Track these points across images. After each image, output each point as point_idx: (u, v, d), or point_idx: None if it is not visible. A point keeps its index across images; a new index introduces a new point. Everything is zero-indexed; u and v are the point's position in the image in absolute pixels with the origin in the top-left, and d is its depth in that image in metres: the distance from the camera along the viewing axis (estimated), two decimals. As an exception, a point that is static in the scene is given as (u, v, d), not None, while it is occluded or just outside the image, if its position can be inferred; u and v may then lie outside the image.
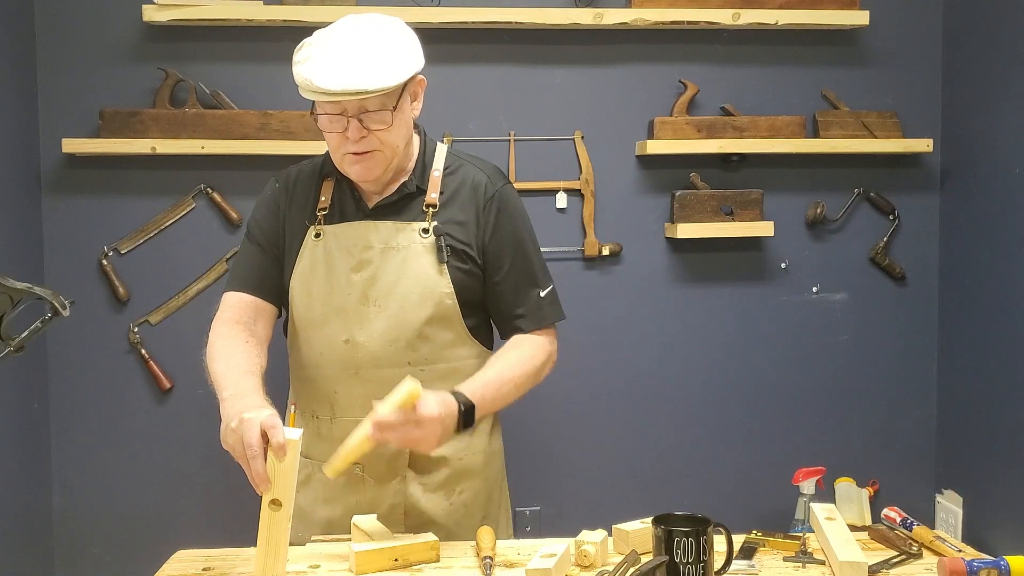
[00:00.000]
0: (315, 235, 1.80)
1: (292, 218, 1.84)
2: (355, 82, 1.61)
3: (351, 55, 1.63)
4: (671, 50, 2.80)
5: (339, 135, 1.70)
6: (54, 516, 2.74)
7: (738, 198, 2.76)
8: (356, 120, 1.67)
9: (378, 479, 1.81)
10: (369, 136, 1.69)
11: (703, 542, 1.43)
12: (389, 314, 1.76)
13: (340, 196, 1.83)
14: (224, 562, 1.63)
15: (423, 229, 1.78)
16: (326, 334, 1.79)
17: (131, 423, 2.74)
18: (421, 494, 1.83)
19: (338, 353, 1.78)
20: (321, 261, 1.79)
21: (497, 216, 1.82)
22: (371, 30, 1.68)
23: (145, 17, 2.57)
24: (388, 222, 1.79)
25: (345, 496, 1.83)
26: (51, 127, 2.65)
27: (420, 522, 1.82)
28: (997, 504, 2.65)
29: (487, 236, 1.81)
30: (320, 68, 1.62)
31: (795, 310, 2.89)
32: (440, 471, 1.84)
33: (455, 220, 1.80)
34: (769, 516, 2.77)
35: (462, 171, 1.85)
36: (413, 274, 1.77)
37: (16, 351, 1.44)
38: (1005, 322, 2.60)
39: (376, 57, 1.64)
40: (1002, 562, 1.47)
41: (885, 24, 2.82)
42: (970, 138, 2.75)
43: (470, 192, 1.82)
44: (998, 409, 2.63)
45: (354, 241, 1.78)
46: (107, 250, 2.70)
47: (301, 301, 1.81)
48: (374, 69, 1.62)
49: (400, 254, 1.77)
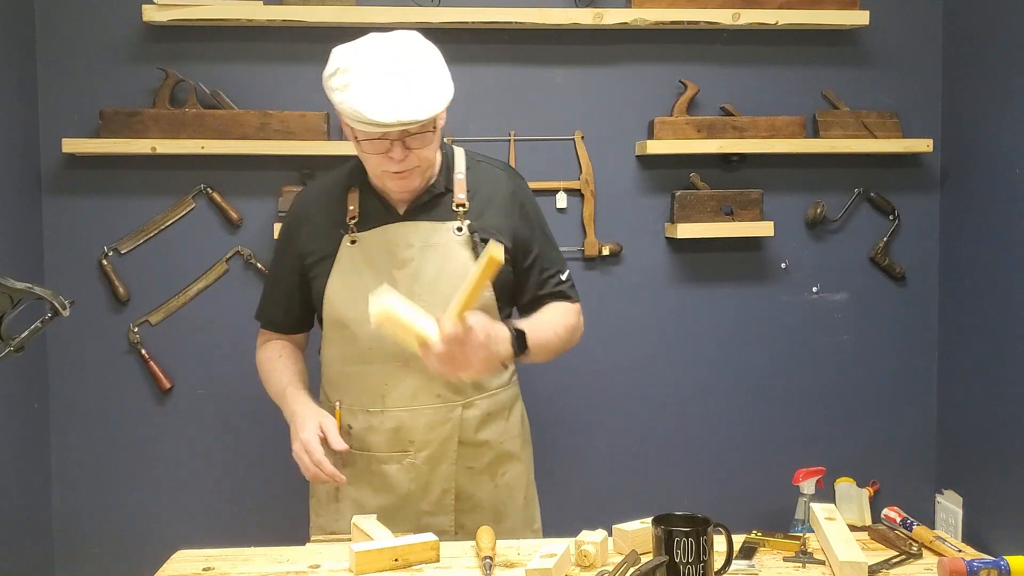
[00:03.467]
0: (351, 242, 1.89)
1: (315, 235, 1.92)
2: (407, 113, 1.69)
3: (395, 84, 1.71)
4: (671, 50, 2.80)
5: (380, 156, 1.78)
6: (54, 516, 2.74)
7: (738, 198, 2.76)
8: (400, 143, 1.75)
9: (430, 464, 1.90)
10: (411, 155, 1.78)
11: (703, 542, 1.43)
12: (434, 307, 1.81)
13: (368, 204, 1.91)
14: (224, 562, 1.63)
15: (456, 228, 1.88)
16: (373, 330, 1.82)
17: (131, 423, 2.74)
18: (469, 478, 1.93)
19: (387, 347, 1.84)
20: (361, 263, 1.88)
21: (521, 207, 1.95)
22: (404, 53, 1.75)
23: (145, 17, 2.57)
24: (424, 222, 1.88)
25: (399, 484, 1.91)
26: (51, 127, 2.65)
27: (469, 506, 1.93)
28: (997, 504, 2.65)
29: (515, 227, 1.92)
30: (368, 99, 1.69)
31: (795, 310, 2.89)
32: (485, 454, 1.95)
33: (484, 216, 1.90)
34: (769, 516, 2.77)
35: (480, 170, 1.96)
36: (453, 269, 1.85)
37: (16, 351, 1.44)
38: (1005, 322, 2.60)
39: (419, 84, 1.72)
40: (1002, 562, 1.47)
41: (885, 24, 2.82)
42: (970, 138, 2.75)
43: (493, 188, 1.93)
44: (998, 409, 2.63)
45: (395, 241, 1.87)
46: (107, 250, 2.70)
47: (341, 303, 1.88)
48: (421, 98, 1.71)
49: (438, 251, 1.87)
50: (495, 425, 1.95)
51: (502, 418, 1.97)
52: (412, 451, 1.89)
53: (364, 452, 1.92)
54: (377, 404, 1.90)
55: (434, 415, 1.89)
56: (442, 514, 1.92)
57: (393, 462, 1.90)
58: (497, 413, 1.97)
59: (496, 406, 1.96)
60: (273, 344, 2.04)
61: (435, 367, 1.66)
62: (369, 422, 1.91)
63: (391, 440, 1.90)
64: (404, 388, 1.88)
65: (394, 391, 1.88)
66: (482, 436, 1.93)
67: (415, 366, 1.83)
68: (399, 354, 1.83)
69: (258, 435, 2.77)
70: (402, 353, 1.82)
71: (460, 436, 1.91)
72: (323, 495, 2.00)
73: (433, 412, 1.89)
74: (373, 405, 1.90)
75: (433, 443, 1.90)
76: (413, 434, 1.89)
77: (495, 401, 1.96)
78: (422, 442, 1.89)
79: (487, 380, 1.94)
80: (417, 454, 1.90)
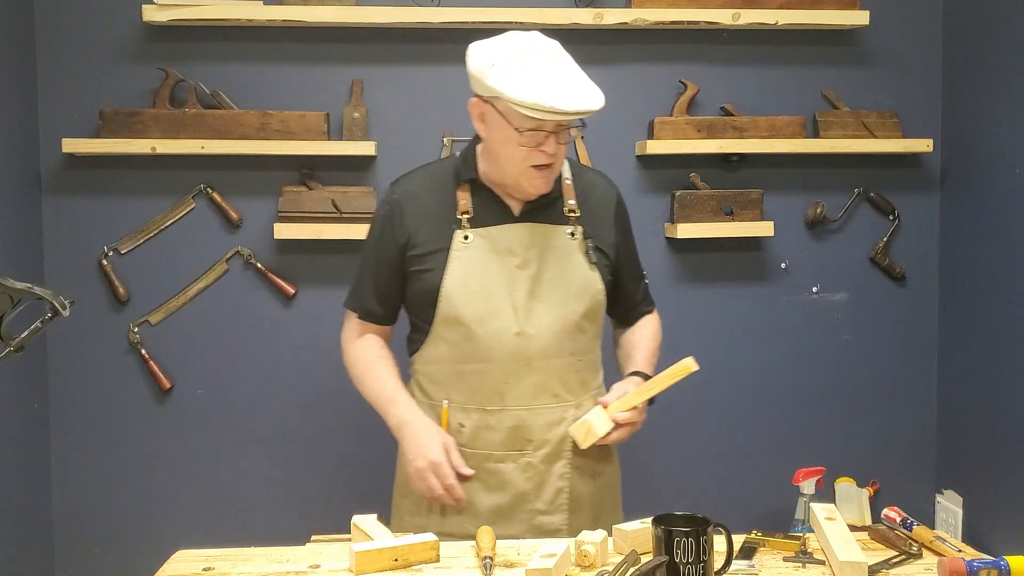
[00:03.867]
0: (464, 237, 1.88)
1: (422, 226, 1.91)
2: (586, 102, 1.74)
3: (570, 75, 1.77)
4: (671, 50, 2.80)
5: (530, 149, 1.79)
6: (54, 516, 2.74)
7: (738, 198, 2.76)
8: (554, 136, 1.79)
9: (547, 463, 1.91)
10: (559, 149, 1.82)
11: (703, 542, 1.43)
12: (554, 308, 1.89)
13: (481, 202, 1.91)
14: (224, 562, 1.63)
15: (570, 233, 1.92)
16: (495, 328, 1.87)
17: (131, 423, 2.74)
18: (578, 478, 1.94)
19: (509, 346, 1.86)
20: (476, 261, 1.88)
21: (621, 217, 2.02)
22: (558, 48, 1.82)
23: (145, 17, 2.57)
24: (541, 224, 1.91)
25: (514, 483, 1.91)
26: (51, 127, 2.65)
27: (576, 506, 1.94)
28: (997, 504, 2.65)
29: (619, 235, 2.00)
30: (547, 87, 1.72)
31: (795, 310, 2.89)
32: (590, 455, 1.95)
33: (592, 223, 1.95)
34: (769, 516, 2.77)
35: (584, 177, 2.00)
36: (571, 271, 1.90)
37: (16, 351, 1.44)
38: (1005, 322, 2.60)
39: (585, 79, 1.79)
40: (1002, 562, 1.47)
41: (885, 24, 2.82)
42: (970, 138, 2.75)
43: (599, 196, 1.99)
44: (998, 409, 2.63)
45: (516, 241, 1.89)
46: (107, 250, 2.70)
47: (460, 300, 1.87)
48: (592, 88, 1.77)
49: (557, 254, 1.90)
50: None
51: None
52: (530, 450, 1.90)
53: (477, 451, 1.91)
54: (495, 403, 1.89)
55: (552, 414, 1.90)
56: (556, 513, 1.92)
57: (509, 461, 1.90)
58: None
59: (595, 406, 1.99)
60: (369, 342, 2.00)
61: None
62: (485, 421, 1.90)
63: (509, 439, 1.89)
64: (524, 387, 1.88)
65: (514, 390, 1.88)
66: None
67: (536, 365, 1.88)
68: (520, 353, 1.87)
69: (258, 435, 2.78)
70: (523, 352, 1.87)
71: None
72: None
73: (551, 411, 1.90)
74: (491, 403, 1.89)
75: (551, 442, 1.91)
76: (532, 433, 1.90)
77: (596, 401, 1.98)
78: (540, 441, 1.90)
79: (592, 377, 1.99)
80: (535, 453, 1.90)
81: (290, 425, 2.78)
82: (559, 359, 1.90)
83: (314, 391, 2.77)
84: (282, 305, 2.76)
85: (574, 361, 1.92)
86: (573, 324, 1.90)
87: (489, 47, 1.80)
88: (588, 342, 1.95)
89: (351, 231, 2.65)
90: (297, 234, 2.65)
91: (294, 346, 2.76)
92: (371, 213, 2.67)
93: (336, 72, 2.71)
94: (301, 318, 2.76)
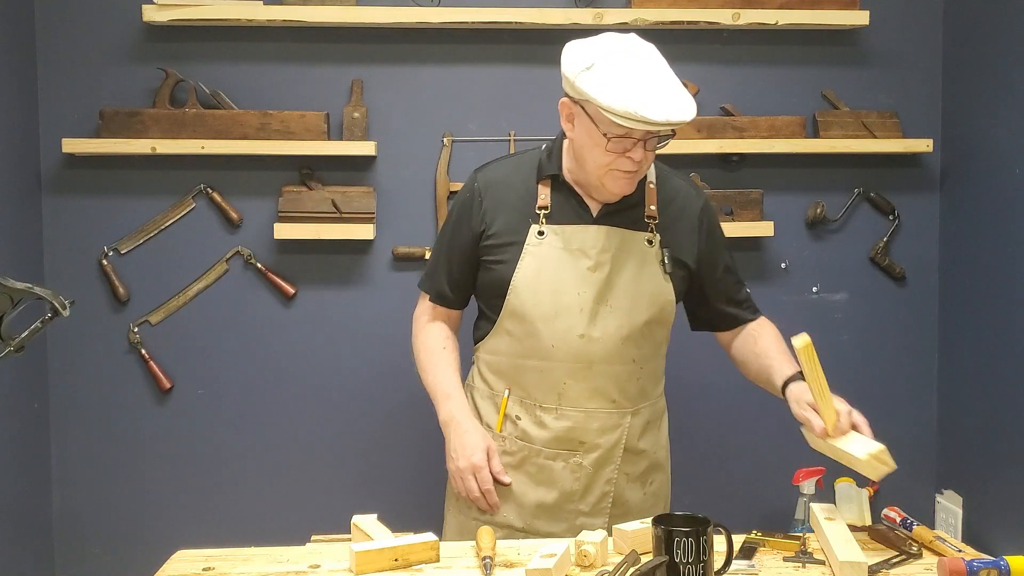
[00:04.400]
0: (538, 233, 1.88)
1: (501, 216, 1.91)
2: (677, 114, 1.71)
3: (662, 84, 1.73)
4: (671, 50, 2.76)
5: (616, 155, 1.77)
6: (54, 516, 2.74)
7: (738, 198, 2.76)
8: (642, 144, 1.77)
9: (596, 466, 1.91)
10: (645, 157, 1.79)
11: (703, 542, 1.43)
12: (622, 313, 1.88)
13: (560, 199, 1.90)
14: (224, 562, 1.63)
15: (648, 240, 1.90)
16: (559, 328, 1.86)
17: (131, 423, 2.74)
18: (626, 484, 1.95)
19: (572, 347, 1.86)
20: (549, 259, 1.87)
21: (709, 224, 1.98)
22: (652, 55, 1.78)
23: (145, 17, 2.57)
24: (619, 228, 1.89)
25: (562, 481, 1.92)
26: (51, 127, 2.65)
27: (622, 511, 1.93)
28: (997, 504, 2.65)
29: (703, 244, 1.96)
30: (640, 97, 1.68)
31: (795, 310, 2.89)
32: (641, 462, 1.97)
33: (672, 231, 1.92)
34: (769, 516, 2.76)
35: (669, 183, 1.97)
36: (645, 278, 1.89)
37: (16, 351, 1.44)
38: (1005, 322, 2.60)
39: (677, 86, 1.75)
40: (1002, 562, 1.47)
41: (885, 24, 2.82)
42: (970, 138, 2.75)
43: (683, 204, 1.95)
44: (998, 409, 2.63)
45: (591, 243, 1.87)
46: (107, 250, 2.70)
47: (528, 296, 1.87)
48: (685, 99, 1.74)
49: (633, 259, 1.88)
50: (651, 434, 1.98)
51: (656, 427, 2.01)
52: (581, 452, 1.90)
53: (530, 444, 1.92)
54: (552, 401, 1.90)
55: (607, 419, 1.90)
56: (598, 516, 1.93)
57: (560, 460, 1.91)
58: (654, 422, 2.00)
59: (655, 415, 2.00)
60: (438, 330, 2.02)
61: None
62: (541, 417, 1.91)
63: (562, 438, 1.90)
64: (582, 389, 1.88)
65: (572, 391, 1.88)
66: (642, 444, 1.96)
67: (597, 369, 1.87)
68: (582, 355, 1.86)
69: (258, 435, 2.78)
70: (585, 354, 1.86)
71: (626, 442, 1.93)
72: None
73: (607, 416, 1.90)
74: (547, 401, 1.90)
75: (603, 447, 1.91)
76: (585, 436, 1.90)
77: (654, 410, 1.99)
78: (592, 444, 1.90)
79: (652, 387, 1.98)
80: (586, 455, 1.91)
81: (290, 425, 2.78)
82: (620, 365, 1.89)
83: (314, 391, 2.77)
84: (282, 305, 2.76)
85: (635, 368, 1.91)
86: (638, 332, 1.89)
87: (586, 49, 1.77)
88: (652, 351, 1.95)
89: (351, 231, 2.65)
90: (297, 234, 2.65)
91: (294, 346, 2.76)
92: (371, 213, 2.68)
93: (336, 72, 2.71)
94: (301, 318, 2.76)
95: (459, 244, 1.95)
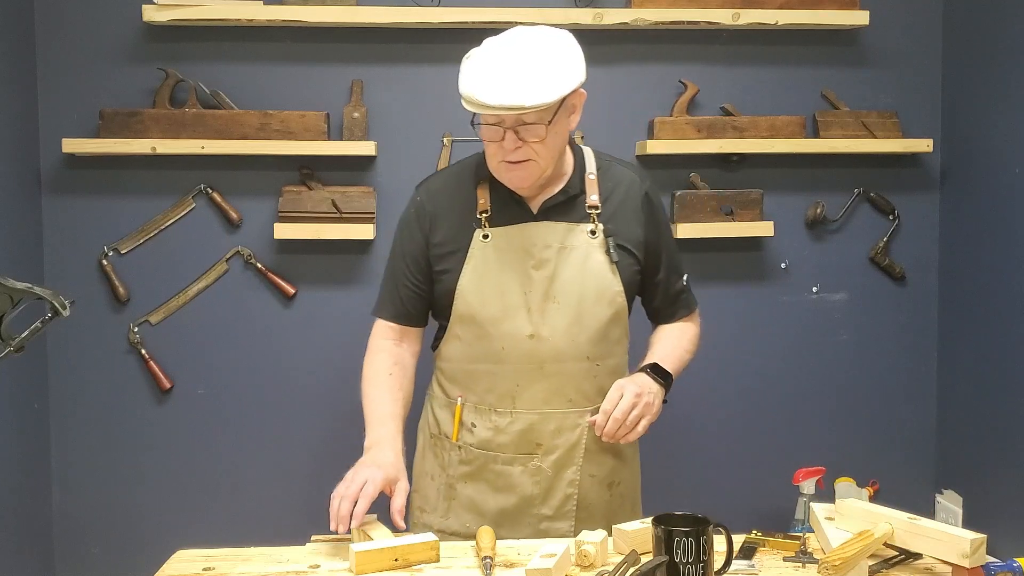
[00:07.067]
0: (483, 236, 1.86)
1: (445, 225, 1.89)
2: (512, 98, 1.67)
3: (512, 70, 1.70)
4: (671, 50, 2.80)
5: (496, 144, 1.77)
6: (54, 516, 2.74)
7: (738, 198, 2.76)
8: (512, 131, 1.74)
9: (556, 468, 1.89)
10: (524, 147, 1.76)
11: (703, 542, 1.43)
12: (570, 310, 1.85)
13: (499, 199, 1.88)
14: (224, 562, 1.63)
15: (591, 231, 1.87)
16: (507, 329, 1.85)
17: (131, 423, 2.74)
18: (590, 486, 1.92)
19: (522, 348, 1.84)
20: (494, 260, 1.85)
21: (652, 212, 1.94)
22: (537, 44, 1.74)
23: (145, 17, 2.57)
24: (560, 223, 1.86)
25: (521, 487, 1.90)
26: (51, 127, 2.65)
27: (586, 515, 1.91)
28: (997, 504, 2.65)
29: (647, 231, 1.92)
30: (481, 81, 1.69)
31: (795, 310, 2.89)
32: (606, 463, 1.94)
33: (617, 220, 1.89)
34: (769, 516, 2.76)
35: (611, 171, 1.94)
36: (590, 272, 1.85)
37: (16, 351, 1.44)
38: (1005, 322, 2.60)
39: (536, 73, 1.70)
40: (1015, 564, 1.47)
41: (885, 24, 2.82)
42: (970, 138, 2.75)
43: (626, 191, 1.92)
44: (998, 409, 2.63)
45: (532, 240, 1.85)
46: (107, 250, 2.70)
47: (475, 299, 1.85)
48: (533, 85, 1.68)
49: (576, 253, 1.85)
50: None
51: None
52: (539, 454, 1.88)
53: (486, 451, 1.90)
54: (506, 404, 1.87)
55: (564, 420, 1.88)
56: (562, 520, 1.90)
57: (518, 464, 1.89)
58: None
59: None
60: (386, 356, 1.94)
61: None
62: (496, 422, 1.89)
63: (518, 442, 1.88)
64: (536, 391, 1.86)
65: (526, 393, 1.86)
66: (605, 443, 1.89)
67: (549, 369, 1.85)
68: (533, 355, 1.84)
69: (258, 435, 2.78)
70: (536, 355, 1.84)
71: (587, 443, 1.90)
72: (432, 493, 1.97)
73: (563, 416, 1.88)
74: (502, 405, 1.88)
75: (561, 448, 1.88)
76: (541, 437, 1.88)
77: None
78: (550, 446, 1.88)
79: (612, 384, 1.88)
80: (544, 458, 1.88)
81: (290, 425, 2.78)
82: (574, 363, 1.87)
83: (314, 391, 2.77)
84: (282, 305, 2.76)
85: (591, 366, 1.88)
86: (591, 327, 1.86)
87: (485, 42, 1.78)
88: (609, 347, 1.91)
89: (351, 231, 2.65)
90: (297, 234, 2.65)
91: (294, 346, 2.76)
92: (371, 213, 2.68)
93: (336, 72, 2.71)
94: (301, 318, 2.76)
95: (411, 257, 1.92)
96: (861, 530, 1.54)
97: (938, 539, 1.51)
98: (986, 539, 1.50)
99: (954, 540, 1.48)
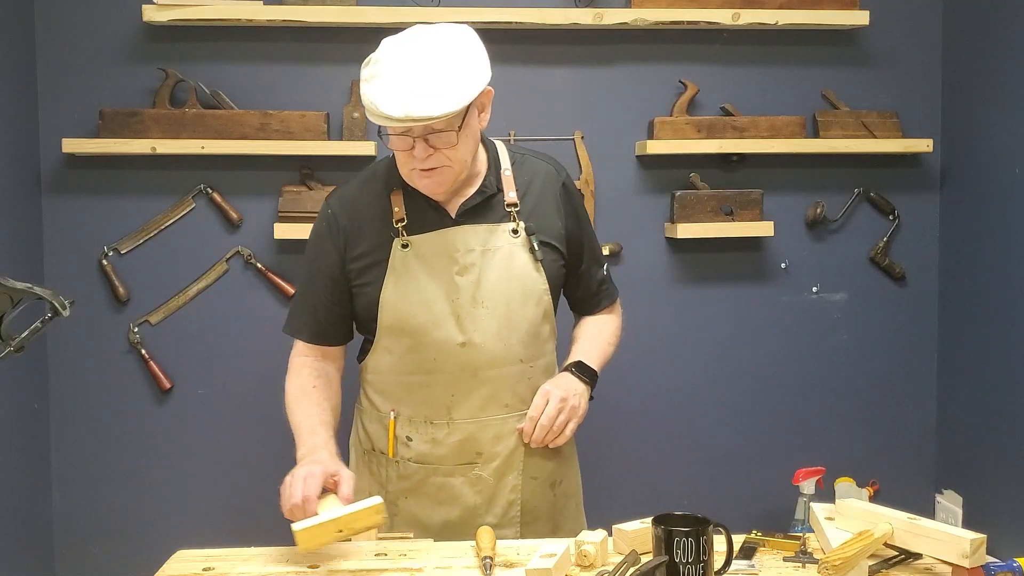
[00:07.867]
0: (402, 245, 1.79)
1: (361, 237, 1.82)
2: (418, 109, 1.59)
3: (415, 78, 1.61)
4: (671, 50, 2.80)
5: (406, 153, 1.70)
6: (54, 516, 2.74)
7: (738, 198, 2.76)
8: (422, 140, 1.67)
9: (497, 476, 1.86)
10: (436, 154, 1.69)
11: (703, 542, 1.42)
12: (499, 314, 1.80)
13: (415, 206, 1.81)
14: (224, 562, 1.63)
15: (512, 230, 1.82)
16: (439, 339, 1.79)
17: (131, 423, 2.74)
18: (533, 489, 1.89)
19: (455, 356, 1.79)
20: (416, 269, 1.79)
21: (570, 201, 1.90)
22: (438, 47, 1.66)
23: (145, 17, 2.57)
24: (481, 225, 1.81)
25: (464, 497, 1.86)
26: (51, 127, 2.65)
27: (531, 518, 1.88)
28: (997, 504, 2.65)
29: (567, 223, 1.88)
30: (384, 92, 1.61)
31: (795, 310, 2.89)
32: (546, 464, 1.90)
33: (537, 215, 1.85)
34: (769, 516, 2.77)
35: (526, 164, 1.88)
36: (515, 273, 1.81)
37: (16, 351, 1.43)
38: (1005, 322, 2.60)
39: (442, 79, 1.62)
40: (1015, 564, 1.47)
41: (885, 24, 2.82)
42: (970, 138, 2.75)
43: (543, 184, 1.87)
44: (998, 409, 2.63)
45: (454, 246, 1.79)
46: (107, 250, 2.70)
47: (402, 310, 1.79)
48: (439, 93, 1.60)
49: (499, 255, 1.81)
50: None
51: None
52: (480, 463, 1.84)
53: (425, 464, 1.85)
54: (442, 416, 1.83)
55: (502, 426, 1.84)
56: (508, 527, 1.86)
57: (458, 475, 1.84)
58: None
59: None
60: (308, 370, 1.88)
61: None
62: (433, 434, 1.84)
63: (458, 452, 1.83)
64: (472, 400, 1.82)
65: (462, 403, 1.82)
66: None
67: (484, 376, 1.81)
68: (466, 363, 1.79)
69: (258, 435, 2.77)
70: (469, 362, 1.79)
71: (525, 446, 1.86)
72: None
73: (501, 423, 1.84)
74: (438, 417, 1.83)
75: (501, 455, 1.85)
76: (481, 446, 1.84)
77: None
78: (490, 454, 1.84)
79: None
80: (485, 466, 1.84)
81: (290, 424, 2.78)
82: (508, 367, 1.82)
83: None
84: (282, 305, 2.76)
85: (525, 368, 1.84)
86: (521, 329, 1.82)
87: (382, 44, 1.68)
88: (540, 347, 1.87)
89: (351, 231, 2.64)
90: (297, 234, 2.64)
91: (294, 346, 2.76)
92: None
93: (336, 72, 2.71)
94: (301, 318, 2.76)
95: (326, 272, 1.84)
96: (861, 530, 1.54)
97: (938, 539, 1.50)
98: (986, 539, 1.50)
99: (954, 540, 1.47)
